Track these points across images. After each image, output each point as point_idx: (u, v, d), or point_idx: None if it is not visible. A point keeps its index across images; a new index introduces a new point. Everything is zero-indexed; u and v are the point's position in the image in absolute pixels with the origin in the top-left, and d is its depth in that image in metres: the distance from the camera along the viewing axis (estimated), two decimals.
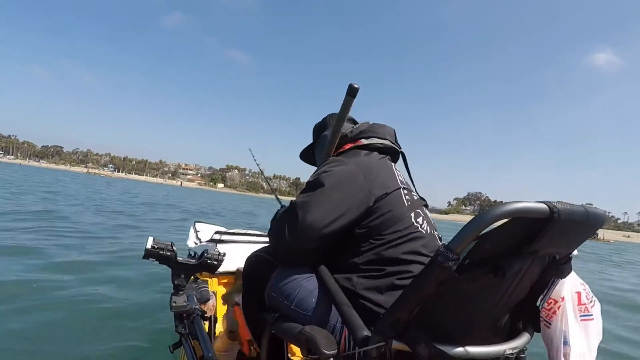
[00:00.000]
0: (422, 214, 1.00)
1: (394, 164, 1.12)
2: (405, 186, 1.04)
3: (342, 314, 0.82)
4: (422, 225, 0.97)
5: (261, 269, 1.04)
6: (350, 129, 1.17)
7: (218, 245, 2.06)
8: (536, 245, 0.68)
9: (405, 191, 1.01)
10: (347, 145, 1.14)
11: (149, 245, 1.22)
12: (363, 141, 1.12)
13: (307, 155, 1.39)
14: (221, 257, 1.38)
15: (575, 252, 0.82)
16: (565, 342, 0.73)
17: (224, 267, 1.55)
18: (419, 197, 1.09)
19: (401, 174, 1.09)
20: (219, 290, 1.94)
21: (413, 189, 1.10)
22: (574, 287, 0.79)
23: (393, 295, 0.77)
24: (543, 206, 0.62)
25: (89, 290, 2.97)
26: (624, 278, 7.91)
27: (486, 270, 0.68)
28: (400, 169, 1.13)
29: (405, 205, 0.97)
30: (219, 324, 1.73)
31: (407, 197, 1.00)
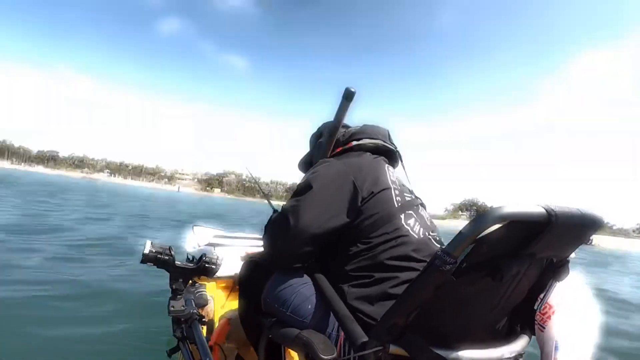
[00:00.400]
0: (414, 216, 0.96)
1: (390, 165, 1.09)
2: (397, 186, 1.00)
3: (339, 320, 0.81)
4: (414, 228, 0.93)
5: (257, 274, 1.04)
6: (342, 133, 1.16)
7: (216, 249, 2.05)
8: (533, 248, 0.68)
9: (397, 191, 0.97)
10: (339, 149, 1.14)
11: (146, 249, 1.22)
12: (354, 143, 1.12)
13: (304, 165, 1.35)
14: (219, 261, 1.37)
15: (573, 255, 0.82)
16: (557, 348, 0.73)
17: (222, 271, 1.54)
18: (413, 197, 1.03)
19: (394, 174, 1.05)
20: (216, 295, 1.94)
21: (407, 190, 1.05)
22: (571, 291, 0.79)
23: (384, 306, 0.76)
24: (540, 209, 0.62)
25: (83, 292, 2.96)
26: None
27: (484, 274, 0.68)
28: (399, 171, 1.12)
29: (395, 206, 0.93)
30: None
31: (399, 197, 0.96)
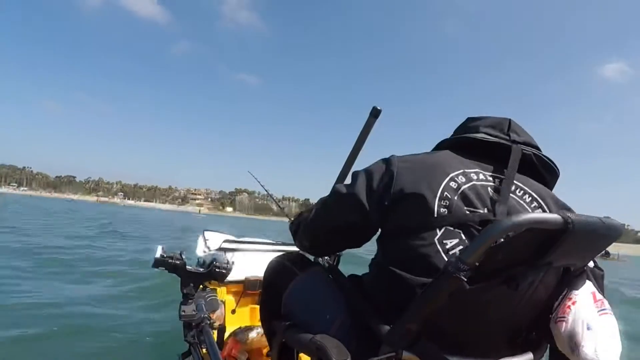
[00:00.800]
0: (462, 235, 0.73)
1: (482, 164, 0.84)
2: (469, 193, 0.76)
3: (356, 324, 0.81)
4: (451, 251, 0.72)
5: (281, 275, 1.04)
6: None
7: (227, 253, 2.06)
8: (550, 257, 0.67)
9: (446, 201, 0.75)
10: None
11: (158, 254, 1.23)
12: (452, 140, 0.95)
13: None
14: (230, 265, 1.38)
15: (591, 264, 0.81)
16: (589, 327, 0.70)
17: (233, 276, 1.55)
18: (487, 211, 0.75)
19: (481, 175, 0.81)
20: (227, 299, 1.94)
21: (488, 200, 0.77)
22: (588, 288, 0.77)
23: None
24: (557, 217, 0.62)
25: (95, 299, 2.99)
26: None
27: (499, 282, 0.67)
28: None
29: (434, 216, 0.74)
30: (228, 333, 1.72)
31: (446, 206, 0.75)
